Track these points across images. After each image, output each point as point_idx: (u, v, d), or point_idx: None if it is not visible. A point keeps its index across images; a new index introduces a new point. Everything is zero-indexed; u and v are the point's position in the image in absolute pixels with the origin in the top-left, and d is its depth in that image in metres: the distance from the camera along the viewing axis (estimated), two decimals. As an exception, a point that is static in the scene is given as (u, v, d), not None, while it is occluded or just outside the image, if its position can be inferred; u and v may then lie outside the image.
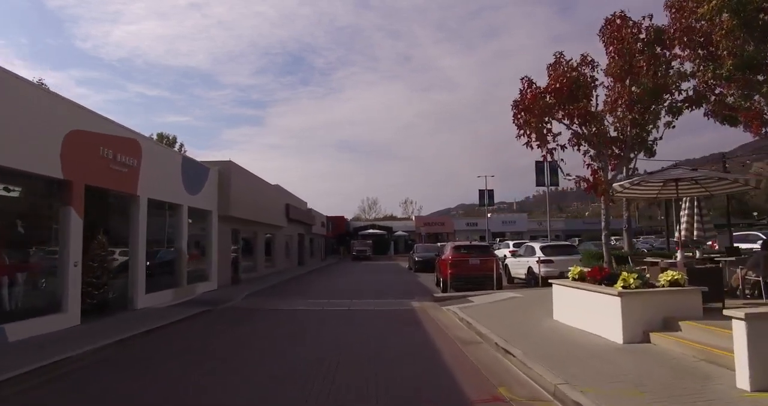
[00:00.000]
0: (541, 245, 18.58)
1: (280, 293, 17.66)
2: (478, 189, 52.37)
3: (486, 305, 12.91)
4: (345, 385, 6.03)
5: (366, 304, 14.35)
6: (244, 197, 20.09)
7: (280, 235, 28.73)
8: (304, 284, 21.56)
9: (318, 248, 45.68)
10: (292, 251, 33.06)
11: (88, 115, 10.85)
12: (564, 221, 69.82)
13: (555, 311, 10.07)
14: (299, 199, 35.40)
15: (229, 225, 19.54)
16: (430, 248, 31.79)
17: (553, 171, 37.32)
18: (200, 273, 17.03)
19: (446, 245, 18.55)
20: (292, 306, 13.98)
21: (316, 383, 6.05)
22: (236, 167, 19.28)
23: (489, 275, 16.17)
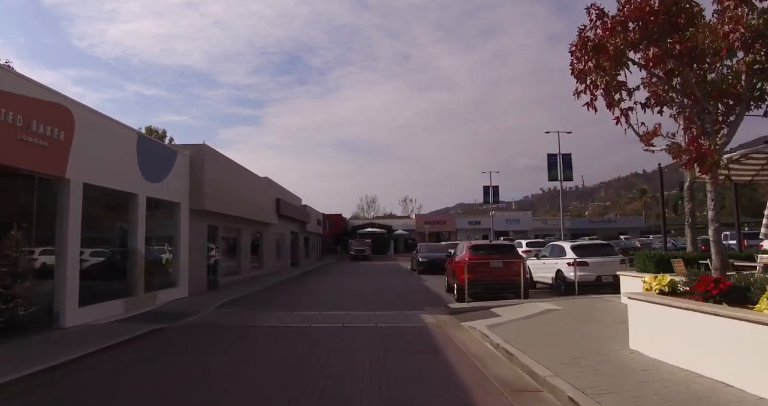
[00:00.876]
0: (573, 245, 15.58)
1: (261, 302, 14.64)
2: (483, 186, 49.47)
3: (520, 321, 9.89)
4: None
5: (366, 318, 11.33)
6: (223, 189, 17.05)
7: (269, 233, 25.69)
8: (294, 290, 18.52)
9: (314, 248, 42.65)
10: (285, 250, 30.03)
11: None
12: (570, 219, 66.72)
13: (633, 337, 7.06)
14: (292, 195, 32.36)
15: (204, 221, 16.50)
16: (434, 247, 28.79)
17: (566, 165, 34.43)
18: (165, 278, 13.99)
19: (461, 245, 15.55)
20: (270, 322, 10.95)
21: None
22: (211, 152, 16.23)
23: (515, 281, 13.18)
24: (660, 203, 13.69)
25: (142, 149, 12.40)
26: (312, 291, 17.88)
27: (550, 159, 33.66)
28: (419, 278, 23.08)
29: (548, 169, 33.54)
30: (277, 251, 28.02)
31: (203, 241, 16.47)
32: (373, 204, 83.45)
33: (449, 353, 7.76)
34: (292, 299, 15.30)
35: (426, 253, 26.82)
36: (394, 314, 11.94)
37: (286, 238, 30.58)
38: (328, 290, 18.21)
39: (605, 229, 62.19)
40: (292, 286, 19.93)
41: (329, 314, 11.91)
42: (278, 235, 28.19)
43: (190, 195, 15.16)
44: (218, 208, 16.56)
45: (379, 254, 54.25)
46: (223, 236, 18.93)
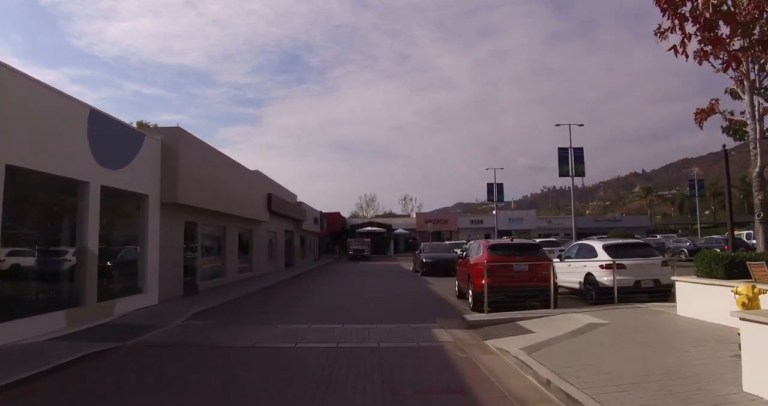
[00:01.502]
0: (605, 244, 13.37)
1: (243, 311, 12.44)
2: (486, 183, 47.21)
3: (563, 342, 7.69)
4: None
5: (365, 333, 9.15)
6: (203, 180, 14.83)
7: (260, 231, 23.47)
8: (284, 295, 16.30)
9: (311, 247, 40.43)
10: (278, 250, 27.81)
11: None
12: (574, 218, 64.51)
13: (750, 376, 4.87)
14: (287, 191, 30.14)
15: (180, 216, 14.30)
16: (438, 247, 26.60)
17: (578, 159, 32.23)
18: (128, 283, 11.78)
19: (475, 244, 13.33)
20: (247, 340, 8.74)
21: None
22: (188, 138, 14.00)
23: (542, 287, 10.98)
24: (726, 194, 11.52)
25: (97, 129, 10.19)
26: (304, 297, 15.66)
27: (561, 153, 31.45)
28: (423, 281, 20.88)
29: (559, 164, 31.33)
30: (269, 250, 25.80)
31: (179, 239, 14.26)
32: (372, 203, 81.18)
33: (483, 394, 5.55)
34: (279, 307, 13.10)
35: (430, 253, 24.63)
36: (400, 328, 9.75)
37: (280, 237, 28.36)
38: (323, 295, 15.99)
39: (611, 228, 60.04)
40: (282, 290, 17.71)
41: (321, 328, 9.71)
42: (271, 234, 25.97)
43: (161, 186, 12.95)
44: (196, 201, 14.35)
45: (378, 253, 52.05)
46: (204, 233, 16.72)
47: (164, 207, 13.18)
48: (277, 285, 19.43)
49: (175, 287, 13.93)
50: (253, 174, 21.98)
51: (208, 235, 17.40)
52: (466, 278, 12.61)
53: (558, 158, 31.46)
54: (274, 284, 19.26)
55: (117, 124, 11.21)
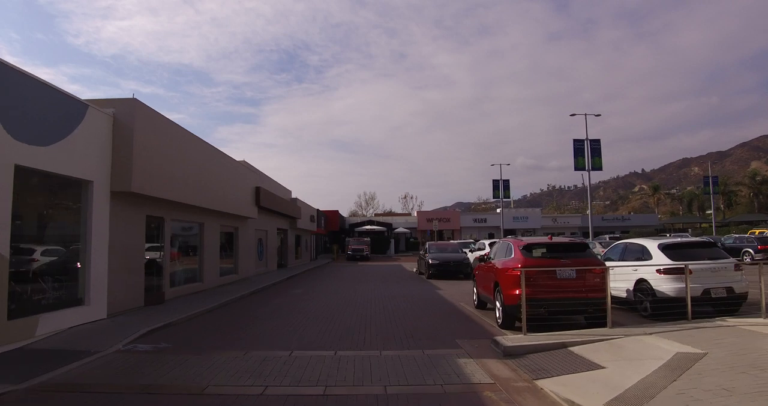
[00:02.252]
0: (662, 243, 10.76)
1: (211, 328, 9.82)
2: (492, 179, 44.62)
3: (663, 386, 5.09)
4: None
5: (365, 367, 6.56)
6: (169, 166, 12.23)
7: (248, 229, 20.85)
8: (269, 304, 13.68)
9: (306, 247, 37.80)
10: (269, 250, 25.18)
11: None
12: (580, 217, 62.07)
13: None
14: (279, 186, 27.52)
15: (140, 209, 11.69)
16: (445, 247, 23.98)
17: (594, 152, 29.68)
18: (62, 293, 9.15)
19: (501, 243, 10.65)
20: (201, 379, 6.13)
21: None
22: (146, 112, 11.35)
23: (596, 300, 8.41)
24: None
25: (10, 91, 7.59)
26: (292, 307, 13.05)
27: (576, 145, 28.91)
28: (431, 286, 18.27)
29: (574, 157, 28.79)
30: (258, 251, 23.18)
31: (138, 237, 11.64)
32: (372, 201, 78.53)
33: None
34: (258, 321, 10.48)
35: (437, 254, 22.02)
36: (413, 356, 7.17)
37: (272, 236, 25.73)
38: (315, 305, 13.38)
39: (619, 226, 57.60)
40: (268, 297, 15.08)
41: (306, 358, 7.11)
42: (260, 232, 23.35)
43: (112, 171, 10.34)
44: (160, 191, 11.73)
45: (378, 253, 49.52)
46: (175, 231, 14.11)
47: (117, 197, 10.56)
48: (263, 291, 16.80)
49: (133, 296, 11.31)
50: (238, 165, 19.36)
51: (180, 233, 14.79)
52: (491, 287, 9.99)
53: (573, 151, 28.91)
54: (259, 290, 16.63)
55: (44, 89, 8.59)
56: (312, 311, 12.11)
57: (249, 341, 8.42)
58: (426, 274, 21.72)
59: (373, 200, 78.60)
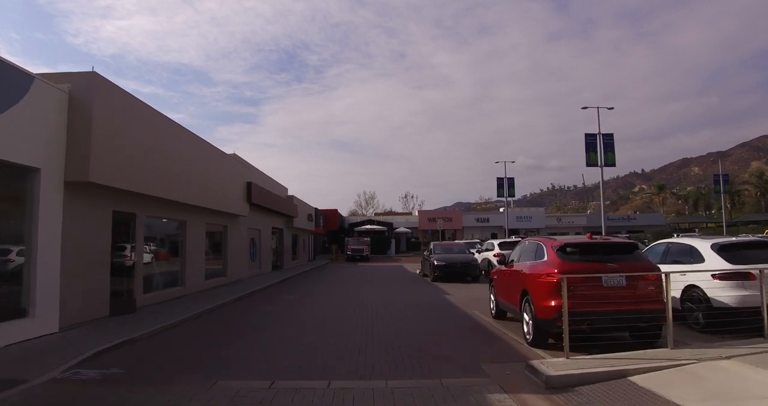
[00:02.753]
0: (717, 243, 9.08)
1: (179, 345, 8.16)
2: (496, 177, 42.94)
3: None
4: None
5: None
6: (139, 154, 10.57)
7: (239, 228, 19.18)
8: (255, 313, 12.01)
9: (304, 247, 36.11)
10: (263, 250, 23.50)
11: None
12: (585, 216, 60.50)
13: None
14: (274, 182, 25.85)
15: (105, 204, 10.03)
16: (451, 247, 22.31)
17: (607, 147, 28.00)
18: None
19: (528, 243, 8.89)
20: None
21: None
22: (109, 89, 9.66)
23: (652, 312, 6.79)
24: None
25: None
26: (281, 317, 11.38)
27: (588, 140, 27.23)
28: (438, 290, 16.60)
29: (586, 152, 27.11)
30: (251, 251, 21.52)
31: (102, 236, 9.96)
32: (371, 200, 76.80)
33: None
34: (237, 339, 8.81)
35: (442, 254, 20.35)
36: (428, 388, 5.52)
37: (266, 235, 24.06)
38: (308, 315, 11.71)
39: (625, 226, 55.97)
40: (254, 306, 13.40)
41: (290, 391, 5.45)
42: (253, 231, 21.68)
43: (66, 158, 8.68)
44: (127, 183, 10.06)
45: (378, 253, 47.86)
46: (151, 229, 12.45)
47: (73, 189, 8.90)
48: (252, 296, 15.13)
49: (95, 304, 9.64)
50: (228, 158, 17.70)
51: (158, 231, 13.13)
52: (515, 295, 8.32)
53: (585, 146, 27.24)
54: (248, 295, 14.96)
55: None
56: (304, 322, 10.44)
57: (222, 364, 6.75)
58: (431, 276, 20.06)
59: (373, 200, 76.97)
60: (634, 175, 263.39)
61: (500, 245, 21.00)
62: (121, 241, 10.84)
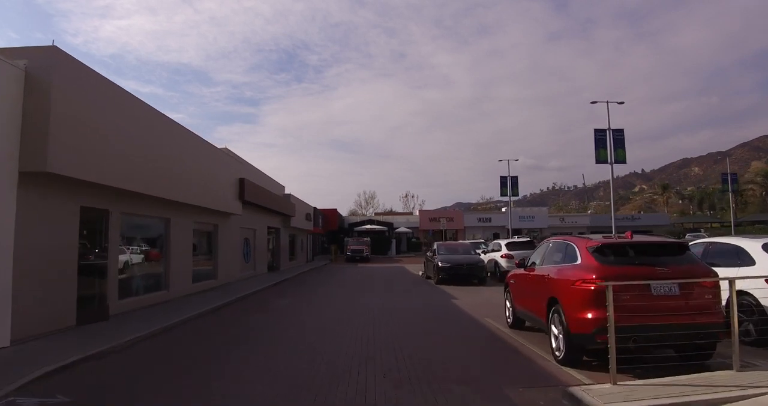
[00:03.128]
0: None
1: (149, 361, 6.98)
2: (499, 176, 41.74)
3: None
4: None
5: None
6: (113, 143, 9.39)
7: (231, 227, 18.01)
8: (240, 323, 10.82)
9: (302, 247, 34.94)
10: (258, 251, 22.32)
11: None
12: (589, 216, 59.35)
13: None
14: (270, 180, 24.68)
15: (71, 198, 8.84)
16: (456, 247, 21.13)
17: (617, 143, 26.82)
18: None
19: (558, 243, 7.61)
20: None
21: None
22: (74, 68, 8.46)
23: (711, 327, 5.63)
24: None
25: None
26: (269, 329, 10.19)
27: (598, 135, 26.07)
28: (444, 294, 15.43)
29: (596, 149, 25.96)
30: (244, 252, 20.34)
31: (68, 235, 8.77)
32: (372, 200, 75.53)
33: None
34: (213, 357, 7.61)
35: (447, 255, 19.17)
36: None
37: (261, 235, 22.88)
38: (301, 325, 10.52)
39: (629, 226, 54.73)
40: (241, 313, 12.20)
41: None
42: (246, 230, 20.50)
43: (21, 145, 7.50)
44: (97, 174, 8.88)
45: (379, 254, 46.69)
46: (129, 228, 11.27)
47: (31, 181, 7.72)
48: (241, 301, 13.93)
49: (58, 313, 8.45)
50: (219, 152, 16.52)
51: (138, 230, 11.95)
52: (540, 304, 7.12)
53: (594, 142, 26.07)
54: (237, 300, 13.76)
55: None
56: (296, 334, 9.26)
57: (188, 395, 5.55)
58: (435, 278, 18.87)
59: (373, 199, 75.71)
60: (634, 176, 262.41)
61: (508, 246, 19.83)
62: (93, 240, 9.66)
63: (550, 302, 6.76)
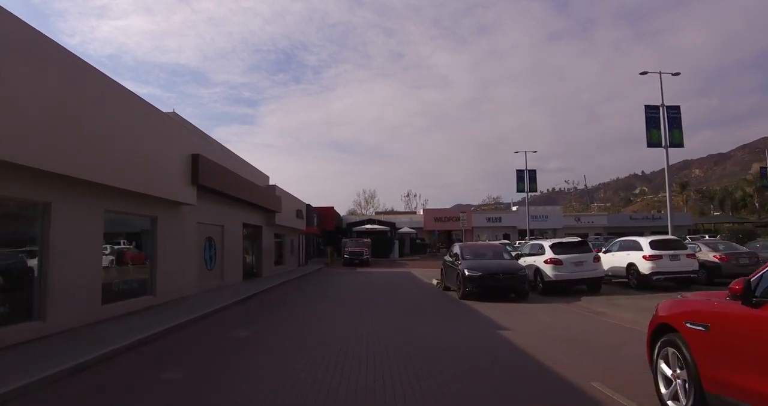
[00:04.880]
0: None
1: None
2: (516, 169, 36.75)
3: None
4: None
5: None
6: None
7: (178, 221, 12.98)
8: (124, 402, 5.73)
9: (292, 249, 29.84)
10: (229, 254, 17.25)
11: None
12: (606, 216, 54.34)
13: None
14: (247, 165, 19.65)
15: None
16: (484, 249, 16.02)
17: (672, 122, 21.83)
18: None
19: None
20: None
21: None
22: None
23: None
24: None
25: None
26: (206, 390, 5.12)
27: (649, 113, 21.08)
28: (479, 317, 10.39)
29: (647, 130, 20.97)
30: (206, 256, 15.28)
31: None
32: (372, 200, 70.35)
33: None
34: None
35: (475, 261, 14.13)
36: None
37: (233, 234, 17.83)
38: (248, 395, 5.45)
39: (649, 226, 49.78)
40: (152, 367, 7.11)
41: None
42: (209, 228, 15.43)
43: None
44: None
45: (380, 256, 41.46)
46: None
47: None
48: (170, 337, 8.81)
49: None
50: (159, 115, 11.50)
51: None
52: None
53: (645, 121, 21.09)
54: (163, 335, 8.63)
55: None
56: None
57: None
58: (459, 291, 13.81)
59: (373, 199, 70.50)
60: (635, 177, 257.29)
61: (554, 248, 14.78)
62: None
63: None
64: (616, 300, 12.96)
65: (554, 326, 9.13)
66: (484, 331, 8.79)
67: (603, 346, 7.35)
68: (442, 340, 7.90)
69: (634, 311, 10.52)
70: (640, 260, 14.80)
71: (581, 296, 13.73)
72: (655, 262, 14.46)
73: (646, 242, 15.19)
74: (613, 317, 10.18)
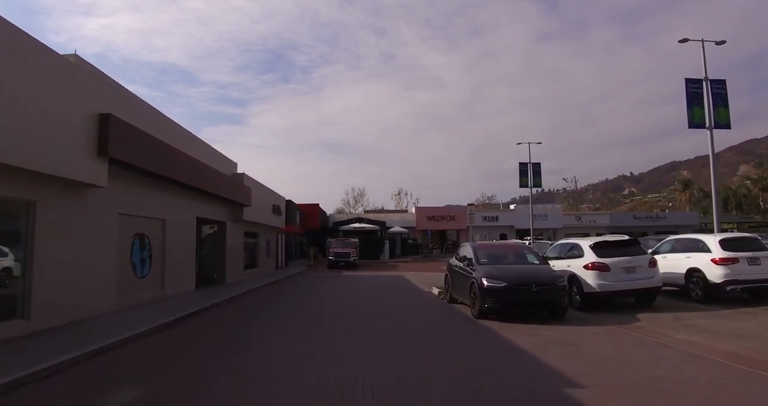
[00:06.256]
0: None
1: None
2: (519, 162, 33.19)
3: None
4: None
5: None
6: None
7: (81, 210, 9.14)
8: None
9: (268, 251, 25.96)
10: (173, 257, 13.40)
11: None
12: (609, 215, 51.14)
13: None
14: (204, 145, 15.83)
15: None
16: (504, 250, 12.32)
17: (718, 98, 18.41)
18: None
19: None
20: None
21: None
22: None
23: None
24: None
25: None
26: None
27: (691, 87, 17.57)
28: (513, 354, 6.74)
29: (688, 108, 17.44)
30: (134, 259, 11.43)
31: None
32: (361, 198, 66.53)
33: None
34: None
35: (495, 265, 10.50)
36: None
37: (182, 230, 13.99)
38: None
39: (654, 226, 46.77)
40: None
41: None
42: (139, 221, 11.58)
43: None
44: None
45: (370, 258, 37.67)
46: None
47: None
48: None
49: None
50: (52, 56, 7.68)
51: None
52: None
53: (686, 97, 17.56)
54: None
55: None
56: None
57: None
58: (475, 307, 10.12)
59: (362, 197, 66.65)
60: (623, 178, 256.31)
61: (596, 248, 11.15)
62: None
63: None
64: (688, 320, 9.41)
65: (635, 370, 5.50)
66: (542, 385, 5.14)
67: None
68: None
69: (734, 340, 7.01)
70: (708, 265, 11.24)
71: (633, 313, 10.20)
72: (729, 267, 10.92)
73: (714, 241, 11.61)
74: (713, 351, 6.60)
